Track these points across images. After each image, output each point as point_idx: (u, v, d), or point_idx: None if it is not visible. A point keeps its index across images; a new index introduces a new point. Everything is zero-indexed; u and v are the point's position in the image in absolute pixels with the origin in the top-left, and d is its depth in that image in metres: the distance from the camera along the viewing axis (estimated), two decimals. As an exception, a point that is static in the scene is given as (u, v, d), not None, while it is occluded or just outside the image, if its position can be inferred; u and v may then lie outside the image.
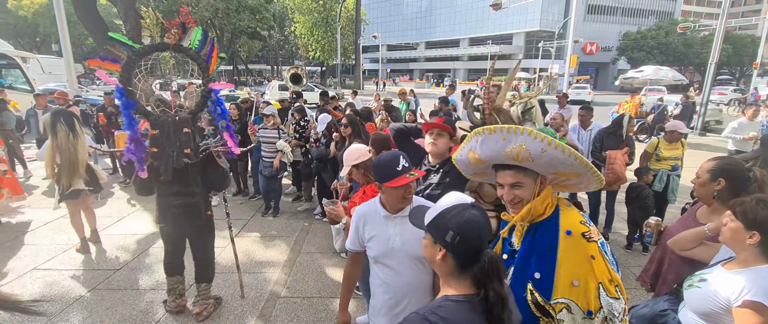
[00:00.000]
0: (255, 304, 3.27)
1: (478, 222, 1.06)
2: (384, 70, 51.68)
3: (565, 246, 1.36)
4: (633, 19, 50.68)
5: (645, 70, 13.84)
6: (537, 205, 1.41)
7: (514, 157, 1.36)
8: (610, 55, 48.36)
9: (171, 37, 2.68)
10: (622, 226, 4.75)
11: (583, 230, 1.36)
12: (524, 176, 1.42)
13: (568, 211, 1.44)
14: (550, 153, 1.31)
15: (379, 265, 1.73)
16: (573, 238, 1.36)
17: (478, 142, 1.45)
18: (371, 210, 1.76)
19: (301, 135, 5.41)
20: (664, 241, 2.12)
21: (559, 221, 1.40)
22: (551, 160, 1.34)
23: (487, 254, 1.03)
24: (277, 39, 45.61)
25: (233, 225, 4.84)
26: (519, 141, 1.33)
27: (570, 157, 1.31)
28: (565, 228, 1.37)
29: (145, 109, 2.70)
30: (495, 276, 1.01)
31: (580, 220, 1.40)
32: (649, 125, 11.22)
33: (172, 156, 2.66)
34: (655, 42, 42.14)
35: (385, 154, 1.69)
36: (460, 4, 55.25)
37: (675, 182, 4.29)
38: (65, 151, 3.76)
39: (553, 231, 1.39)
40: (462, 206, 1.09)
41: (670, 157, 4.27)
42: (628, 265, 4.03)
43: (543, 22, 47.45)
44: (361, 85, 36.91)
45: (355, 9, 36.52)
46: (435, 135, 2.43)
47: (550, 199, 1.44)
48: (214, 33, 36.79)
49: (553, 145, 1.30)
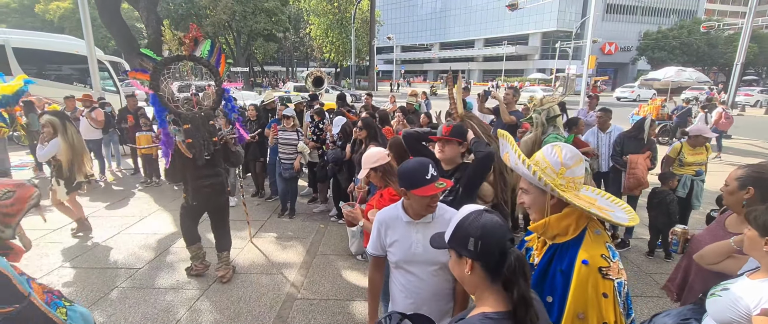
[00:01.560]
0: (272, 306, 3.31)
1: (495, 222, 1.07)
2: (398, 71, 51.70)
3: (579, 275, 1.27)
4: (653, 18, 49.41)
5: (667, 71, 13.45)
6: (553, 224, 1.35)
7: (507, 162, 1.46)
8: (629, 55, 47.27)
9: (186, 49, 3.23)
10: (643, 231, 4.64)
11: (601, 265, 1.27)
12: (528, 183, 1.41)
13: (593, 239, 1.33)
14: (520, 170, 1.35)
15: (400, 270, 1.73)
16: (588, 270, 1.27)
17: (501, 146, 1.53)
18: (393, 215, 1.76)
19: (318, 137, 5.46)
20: (690, 250, 2.07)
21: (579, 247, 1.31)
22: (525, 175, 1.36)
23: (513, 253, 1.03)
24: (292, 41, 46.07)
25: (251, 226, 4.94)
26: (505, 149, 1.45)
27: (535, 176, 1.32)
28: (583, 256, 1.29)
29: (175, 109, 3.18)
30: (521, 275, 1.00)
31: (602, 253, 1.29)
32: (671, 128, 10.92)
33: (203, 144, 3.29)
34: (677, 41, 40.98)
35: (413, 161, 1.67)
36: (475, 5, 54.86)
37: (699, 187, 4.17)
38: (79, 146, 4.46)
39: (572, 256, 1.31)
40: (476, 212, 1.10)
41: (694, 162, 4.15)
42: (650, 272, 3.93)
43: (560, 22, 46.72)
44: (375, 87, 36.99)
45: (369, 10, 36.66)
46: (442, 144, 2.38)
47: (571, 221, 1.34)
48: (232, 35, 37.47)
49: (520, 160, 1.35)
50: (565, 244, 1.35)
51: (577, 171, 1.36)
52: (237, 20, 34.03)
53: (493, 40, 53.12)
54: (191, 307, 3.27)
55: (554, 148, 1.38)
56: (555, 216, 1.34)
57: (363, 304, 3.35)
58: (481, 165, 2.28)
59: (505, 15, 44.40)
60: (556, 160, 1.35)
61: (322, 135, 5.49)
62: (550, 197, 1.35)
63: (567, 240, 1.34)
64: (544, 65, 47.53)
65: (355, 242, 3.57)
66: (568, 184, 1.34)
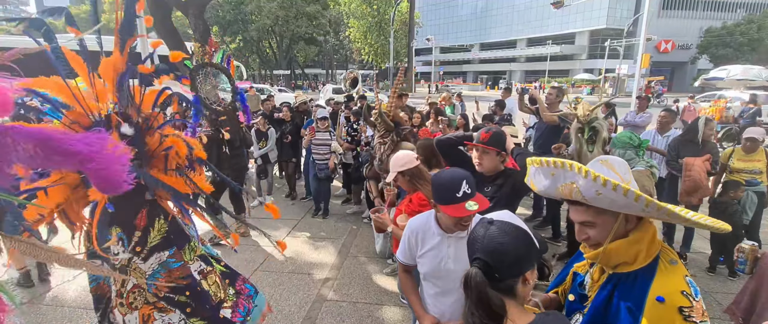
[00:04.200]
0: (301, 306, 3.32)
1: (472, 237, 1.09)
2: (436, 72, 51.22)
3: (651, 316, 1.04)
4: (716, 14, 45.47)
5: (731, 69, 12.29)
6: (621, 251, 1.11)
7: (568, 196, 1.13)
8: (688, 54, 43.81)
9: (207, 58, 3.96)
10: (703, 245, 4.21)
11: (682, 304, 1.02)
12: (596, 215, 1.12)
13: (668, 270, 1.09)
14: (610, 197, 1.03)
15: (428, 281, 1.66)
16: (664, 309, 1.02)
17: (532, 174, 1.24)
18: (425, 225, 1.67)
19: (353, 138, 5.46)
20: (761, 271, 1.81)
21: (652, 280, 1.07)
22: (613, 204, 1.06)
23: (468, 272, 1.05)
24: (332, 44, 47.04)
25: (284, 225, 5.03)
26: (569, 178, 1.09)
27: (638, 203, 1.00)
28: (657, 292, 1.04)
29: (211, 106, 3.84)
30: (469, 296, 1.03)
31: (682, 289, 1.04)
32: (736, 131, 9.94)
33: (239, 131, 4.57)
34: (745, 38, 37.44)
35: (447, 174, 1.52)
36: (518, 4, 53.17)
37: (751, 199, 3.70)
38: None
39: (641, 291, 1.07)
40: (480, 222, 1.10)
41: (743, 169, 3.70)
42: (711, 291, 3.55)
43: (610, 20, 44.21)
44: (413, 88, 36.86)
45: (408, 12, 36.64)
46: (480, 153, 2.23)
47: (642, 247, 1.10)
48: (275, 39, 38.83)
49: (608, 186, 1.00)
50: (630, 275, 1.11)
51: (634, 183, 1.14)
52: (280, 24, 35.23)
53: (537, 39, 51.20)
54: (224, 303, 3.34)
55: (604, 163, 1.15)
56: (624, 241, 1.11)
57: (392, 308, 3.28)
58: None
59: (549, 13, 42.72)
60: (614, 176, 1.09)
61: (356, 136, 5.49)
62: (625, 221, 1.12)
63: (634, 269, 1.11)
64: (592, 65, 45.10)
65: (379, 241, 3.51)
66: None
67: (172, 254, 1.86)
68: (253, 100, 9.99)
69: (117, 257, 1.79)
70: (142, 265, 1.81)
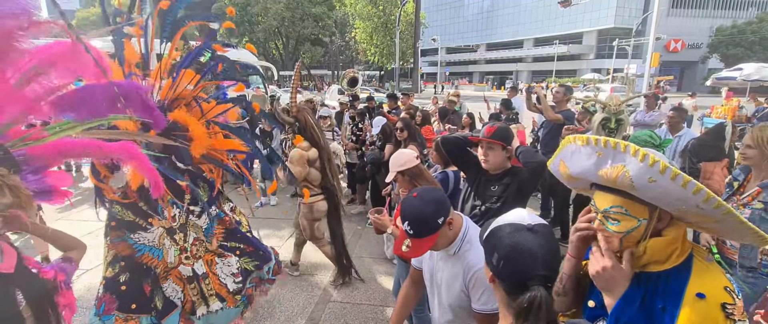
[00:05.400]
0: (305, 307, 3.27)
1: (529, 248, 0.89)
2: (442, 73, 51.05)
3: (690, 313, 0.95)
4: (727, 12, 44.79)
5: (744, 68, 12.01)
6: (657, 250, 1.02)
7: (611, 181, 1.01)
8: (698, 53, 43.19)
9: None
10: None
11: (725, 300, 0.94)
12: (631, 206, 1.02)
13: (707, 267, 1.01)
14: (664, 185, 0.91)
15: (428, 287, 1.63)
16: (705, 306, 0.94)
17: (569, 153, 1.11)
18: None
19: (358, 137, 5.41)
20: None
21: (688, 278, 0.99)
22: (665, 195, 0.94)
23: (533, 291, 0.85)
24: (338, 45, 47.11)
25: (287, 226, 4.98)
26: (619, 161, 0.96)
27: (697, 196, 0.89)
28: (697, 288, 0.96)
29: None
30: (539, 321, 0.84)
31: (725, 285, 0.96)
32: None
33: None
34: (757, 36, 36.81)
35: (414, 201, 1.37)
36: (525, 3, 52.81)
37: None
38: None
39: (678, 287, 0.99)
40: (514, 227, 0.94)
41: None
42: (726, 294, 3.44)
43: (618, 19, 43.75)
44: (419, 89, 36.77)
45: (414, 13, 36.56)
46: (485, 149, 2.17)
47: (677, 246, 1.03)
48: (281, 40, 39.00)
49: (667, 174, 0.88)
50: (662, 274, 1.03)
51: None
52: (286, 26, 35.36)
53: (544, 39, 50.83)
54: (227, 303, 3.30)
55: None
56: (661, 240, 1.02)
57: (397, 311, 3.22)
58: (535, 176, 2.09)
59: (556, 13, 42.38)
60: None
61: (362, 136, 5.43)
62: (659, 219, 1.02)
63: (665, 269, 1.02)
64: (600, 65, 44.62)
65: (390, 246, 3.46)
66: None
67: (216, 207, 2.34)
68: (260, 100, 9.99)
69: (174, 219, 2.18)
70: (197, 221, 2.26)
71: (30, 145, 1.15)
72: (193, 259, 2.23)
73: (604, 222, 1.06)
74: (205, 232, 2.27)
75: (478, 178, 2.30)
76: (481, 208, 2.20)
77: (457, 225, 1.44)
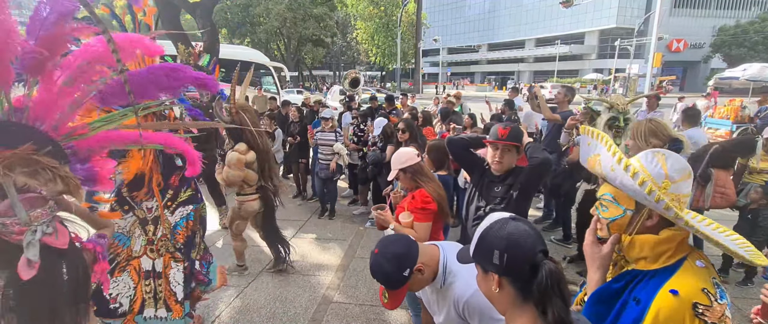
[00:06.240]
0: (307, 308, 3.27)
1: (523, 231, 0.93)
2: (444, 73, 51.03)
3: (660, 306, 0.97)
4: (730, 12, 44.63)
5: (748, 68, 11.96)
6: (645, 245, 1.05)
7: (592, 169, 1.14)
8: (701, 53, 43.02)
9: (193, 60, 4.37)
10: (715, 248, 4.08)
11: (698, 300, 0.95)
12: (619, 193, 1.09)
13: (693, 270, 1.02)
14: (618, 175, 1.01)
15: None
16: (676, 302, 0.95)
17: (584, 144, 1.22)
18: None
19: (360, 139, 5.41)
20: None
21: (671, 277, 1.01)
22: (622, 186, 1.02)
23: (545, 266, 0.87)
24: (339, 46, 47.17)
25: (290, 226, 4.99)
26: (596, 150, 1.11)
27: (649, 195, 0.96)
28: (673, 285, 0.98)
29: (197, 103, 4.09)
30: (557, 293, 0.85)
31: (705, 287, 0.97)
32: (753, 131, 9.69)
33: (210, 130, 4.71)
34: (760, 36, 36.66)
35: (378, 260, 1.43)
36: (526, 4, 52.75)
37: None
38: None
39: (658, 283, 1.01)
40: (501, 221, 0.97)
41: (765, 169, 3.56)
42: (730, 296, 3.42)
43: (620, 19, 43.65)
44: (421, 89, 36.76)
45: (415, 13, 36.57)
46: (501, 151, 2.15)
47: (669, 248, 1.04)
48: (282, 41, 39.05)
49: (621, 165, 0.99)
50: (649, 273, 1.05)
51: (684, 187, 1.05)
52: (287, 26, 35.36)
53: (545, 39, 50.76)
54: (230, 303, 3.31)
55: (656, 155, 1.06)
56: (651, 237, 1.05)
57: (399, 311, 3.21)
58: (539, 172, 2.10)
59: (558, 13, 42.38)
60: (659, 171, 1.03)
61: (363, 136, 5.44)
62: (648, 216, 1.06)
63: (655, 268, 1.05)
64: (602, 65, 44.54)
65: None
66: (672, 202, 1.01)
67: (194, 209, 2.42)
68: (261, 101, 10.00)
69: (151, 210, 2.29)
70: (169, 217, 2.34)
71: (77, 139, 1.29)
72: (157, 253, 2.30)
73: (598, 207, 1.16)
74: (173, 228, 2.35)
75: (482, 180, 2.31)
76: (485, 210, 2.20)
77: (432, 262, 1.44)
